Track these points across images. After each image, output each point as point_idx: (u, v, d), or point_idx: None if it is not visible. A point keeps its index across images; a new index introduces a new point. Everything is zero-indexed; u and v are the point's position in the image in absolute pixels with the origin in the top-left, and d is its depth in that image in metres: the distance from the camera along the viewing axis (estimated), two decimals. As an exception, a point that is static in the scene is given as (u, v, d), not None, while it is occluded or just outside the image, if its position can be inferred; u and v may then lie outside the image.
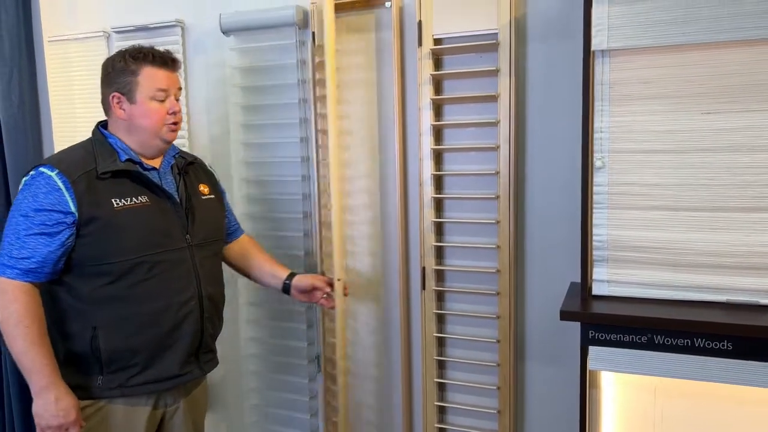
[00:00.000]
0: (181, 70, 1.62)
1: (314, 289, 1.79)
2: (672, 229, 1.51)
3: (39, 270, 1.43)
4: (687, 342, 1.42)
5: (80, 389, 1.48)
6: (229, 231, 1.81)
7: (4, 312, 1.41)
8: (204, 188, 1.67)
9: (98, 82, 1.56)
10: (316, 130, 1.96)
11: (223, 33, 2.05)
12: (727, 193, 1.46)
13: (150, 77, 1.51)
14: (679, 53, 1.46)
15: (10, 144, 2.36)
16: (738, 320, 1.37)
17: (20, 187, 1.46)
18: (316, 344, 2.11)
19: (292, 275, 1.79)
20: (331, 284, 1.81)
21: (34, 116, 2.40)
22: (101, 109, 1.56)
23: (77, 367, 1.48)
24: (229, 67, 2.09)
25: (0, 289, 1.42)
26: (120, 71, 1.51)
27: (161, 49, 1.56)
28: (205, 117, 2.17)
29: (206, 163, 1.77)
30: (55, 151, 2.34)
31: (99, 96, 1.56)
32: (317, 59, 1.90)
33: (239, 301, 2.18)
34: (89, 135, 1.56)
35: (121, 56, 1.52)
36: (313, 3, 1.92)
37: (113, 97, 1.51)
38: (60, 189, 1.42)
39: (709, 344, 1.40)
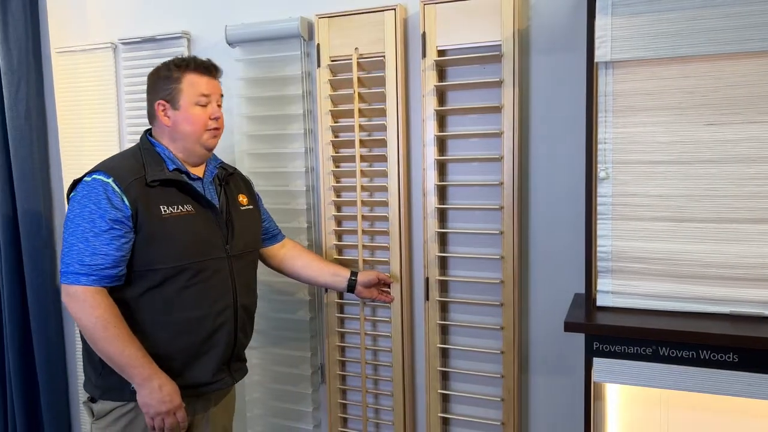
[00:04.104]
0: (222, 78, 1.66)
1: (378, 282, 1.86)
2: (676, 240, 1.50)
3: (113, 274, 1.45)
4: (692, 354, 1.41)
5: (114, 391, 1.50)
6: (270, 235, 1.85)
7: (90, 319, 1.42)
8: (243, 199, 1.70)
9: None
10: (323, 142, 1.97)
11: (229, 44, 2.07)
12: (731, 205, 1.45)
13: (192, 84, 1.55)
14: (683, 65, 1.46)
15: (16, 155, 2.37)
16: (743, 332, 1.36)
17: (74, 193, 1.49)
18: (319, 354, 2.11)
19: (354, 273, 1.85)
20: (388, 281, 1.90)
21: (40, 128, 2.42)
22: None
23: (112, 371, 1.48)
24: (235, 78, 2.11)
25: (79, 299, 1.43)
26: (164, 79, 1.55)
27: (203, 58, 1.61)
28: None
29: (243, 173, 1.81)
30: (78, 160, 2.36)
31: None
32: (333, 75, 1.90)
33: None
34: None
35: (166, 66, 1.57)
36: (318, 15, 1.94)
37: (158, 104, 1.55)
38: (119, 194, 1.45)
39: (714, 356, 1.40)
